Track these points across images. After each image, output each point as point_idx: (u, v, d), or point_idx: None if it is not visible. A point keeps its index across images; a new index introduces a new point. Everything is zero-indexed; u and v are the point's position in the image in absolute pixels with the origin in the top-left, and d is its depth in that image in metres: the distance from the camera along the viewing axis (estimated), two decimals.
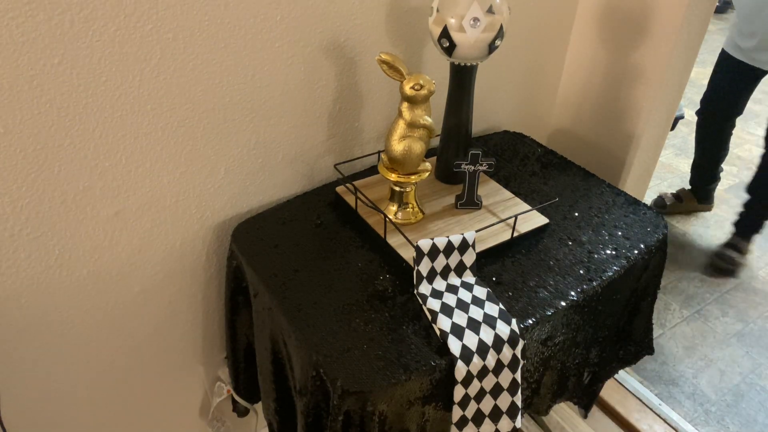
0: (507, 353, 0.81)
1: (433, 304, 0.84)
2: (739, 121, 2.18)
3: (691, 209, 2.46)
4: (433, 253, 0.87)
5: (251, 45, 0.90)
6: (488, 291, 0.87)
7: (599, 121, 1.35)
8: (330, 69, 1.01)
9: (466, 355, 0.78)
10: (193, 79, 0.87)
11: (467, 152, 0.96)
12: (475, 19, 0.86)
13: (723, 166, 2.35)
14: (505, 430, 0.87)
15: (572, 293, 0.89)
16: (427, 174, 0.95)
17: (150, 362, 1.12)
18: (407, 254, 0.90)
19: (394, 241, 0.93)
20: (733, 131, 2.22)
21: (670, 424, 1.54)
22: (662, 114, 1.28)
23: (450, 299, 0.85)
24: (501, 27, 0.90)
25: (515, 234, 0.97)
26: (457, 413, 0.82)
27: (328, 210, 1.04)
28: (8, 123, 0.76)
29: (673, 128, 1.78)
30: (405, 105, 0.89)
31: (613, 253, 0.96)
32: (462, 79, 0.98)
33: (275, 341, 0.90)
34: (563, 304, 0.87)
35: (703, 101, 2.20)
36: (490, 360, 0.80)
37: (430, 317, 0.82)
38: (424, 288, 0.86)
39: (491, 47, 0.91)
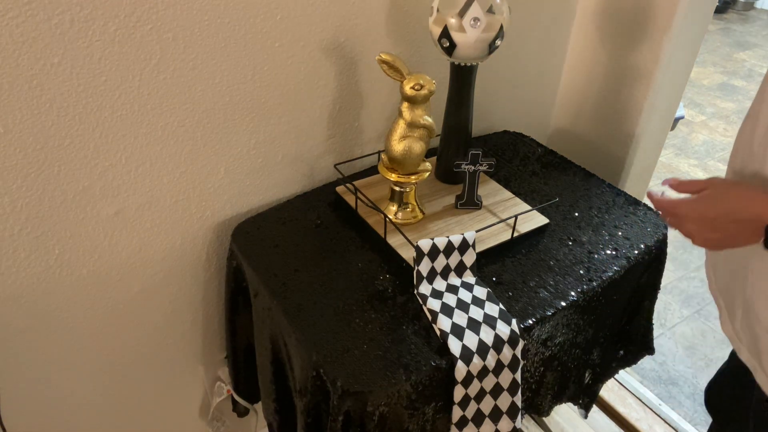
0: (507, 353, 0.81)
1: (433, 304, 0.84)
2: (738, 120, 2.17)
3: None
4: (433, 253, 0.87)
5: (251, 45, 0.90)
6: (488, 291, 0.87)
7: (599, 121, 1.35)
8: (330, 69, 1.01)
9: (466, 355, 0.78)
10: (193, 79, 0.87)
11: (467, 152, 0.96)
12: (475, 19, 0.86)
13: (722, 166, 2.32)
14: (505, 431, 0.87)
15: (572, 293, 0.89)
16: (427, 174, 0.95)
17: (150, 362, 1.12)
18: (407, 254, 0.90)
19: (394, 241, 0.93)
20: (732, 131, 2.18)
21: (670, 424, 1.54)
22: (662, 114, 1.28)
23: (450, 299, 0.85)
24: (501, 27, 0.90)
25: (515, 234, 0.97)
26: (457, 413, 0.82)
27: (328, 210, 1.04)
28: (8, 123, 0.76)
29: (673, 128, 1.78)
30: (405, 105, 0.89)
31: (613, 253, 0.96)
32: (462, 79, 0.98)
33: (275, 341, 0.90)
34: (563, 304, 0.87)
35: None
36: (490, 360, 0.80)
37: (430, 317, 0.82)
38: (424, 288, 0.86)
39: (491, 47, 0.91)
